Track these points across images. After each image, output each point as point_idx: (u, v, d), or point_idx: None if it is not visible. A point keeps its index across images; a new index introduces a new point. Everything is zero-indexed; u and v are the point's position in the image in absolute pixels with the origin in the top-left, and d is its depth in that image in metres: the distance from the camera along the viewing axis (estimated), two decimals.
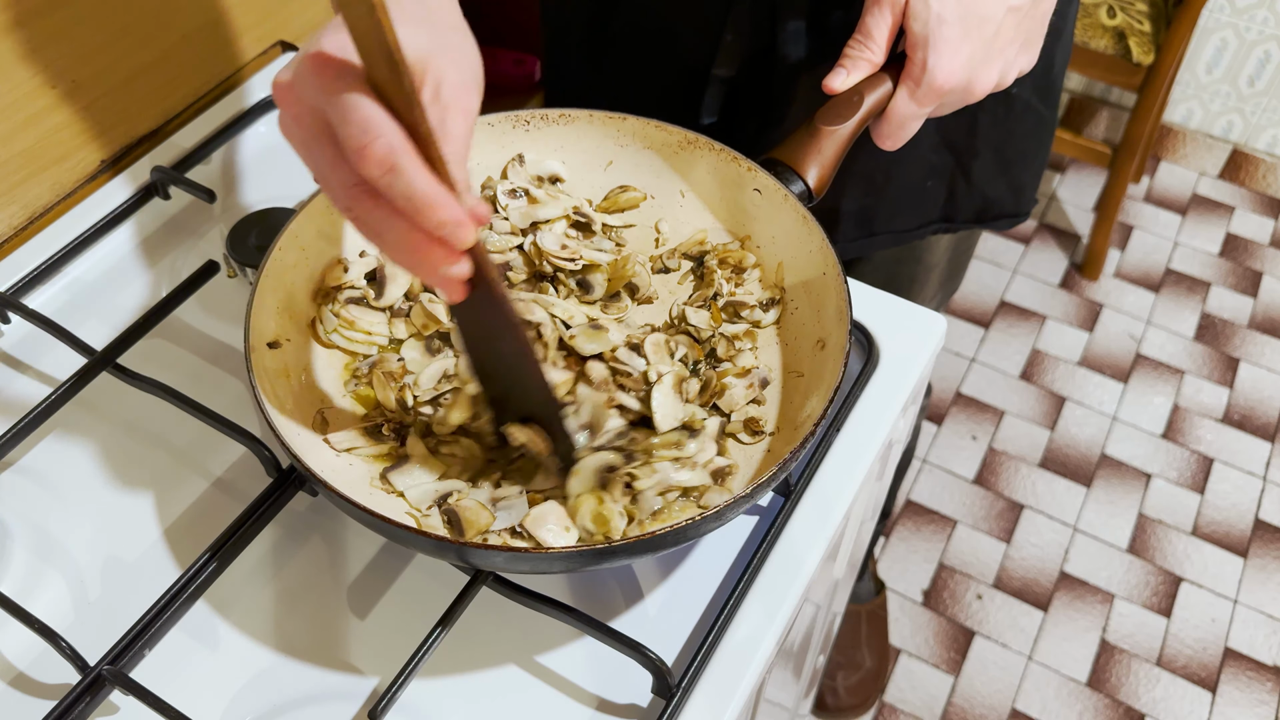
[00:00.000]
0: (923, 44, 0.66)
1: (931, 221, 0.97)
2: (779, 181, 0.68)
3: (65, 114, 0.84)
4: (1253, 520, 1.87)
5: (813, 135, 0.69)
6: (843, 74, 0.69)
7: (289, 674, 0.61)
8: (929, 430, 1.98)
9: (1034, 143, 0.96)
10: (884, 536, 1.83)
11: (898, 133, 0.70)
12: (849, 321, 0.62)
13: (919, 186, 0.94)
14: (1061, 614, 1.75)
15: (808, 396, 0.64)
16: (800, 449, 0.56)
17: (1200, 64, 2.35)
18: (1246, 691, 1.67)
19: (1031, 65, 0.72)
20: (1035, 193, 1.00)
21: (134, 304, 0.79)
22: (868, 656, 1.64)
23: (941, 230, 0.98)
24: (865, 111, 0.69)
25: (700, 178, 0.73)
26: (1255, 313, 2.20)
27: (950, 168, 0.93)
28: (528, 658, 0.62)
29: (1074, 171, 2.48)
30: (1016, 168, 0.96)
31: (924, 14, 0.66)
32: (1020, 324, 2.17)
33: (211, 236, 0.83)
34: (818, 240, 0.66)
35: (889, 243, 0.97)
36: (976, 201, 0.96)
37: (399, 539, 0.56)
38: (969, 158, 0.93)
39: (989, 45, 0.67)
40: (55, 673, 0.60)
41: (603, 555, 0.54)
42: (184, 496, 0.68)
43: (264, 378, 0.60)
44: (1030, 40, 0.70)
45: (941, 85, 0.67)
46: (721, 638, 0.61)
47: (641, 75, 0.92)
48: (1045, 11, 0.70)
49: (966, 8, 0.65)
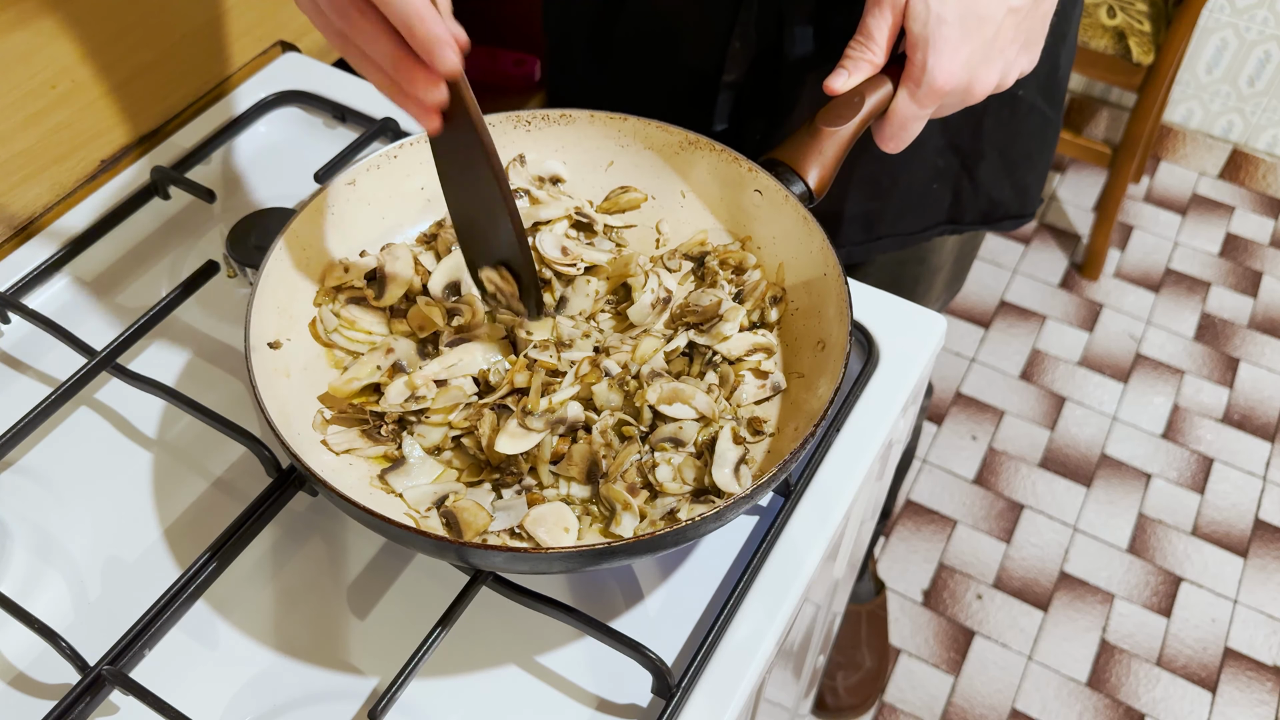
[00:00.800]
0: (922, 45, 0.66)
1: (937, 223, 0.97)
2: (780, 182, 0.68)
3: (65, 114, 0.84)
4: (1253, 520, 1.87)
5: (814, 136, 0.69)
6: (844, 75, 0.69)
7: (289, 674, 0.61)
8: (929, 430, 1.98)
9: (1039, 144, 0.96)
10: (884, 536, 1.83)
11: (900, 134, 0.70)
12: (849, 322, 0.62)
13: (924, 189, 0.94)
14: (1061, 614, 1.75)
15: (808, 397, 0.64)
16: (801, 449, 0.56)
17: (1200, 64, 2.35)
18: (1246, 691, 1.67)
19: (1032, 65, 0.72)
20: (1041, 193, 1.00)
21: (134, 304, 0.79)
22: (868, 656, 1.64)
23: (947, 232, 0.98)
24: (866, 112, 0.69)
25: (701, 178, 0.73)
26: (1255, 313, 2.20)
27: (955, 170, 0.93)
28: (528, 658, 0.62)
29: (1074, 171, 2.48)
30: (1021, 169, 0.96)
31: (924, 15, 0.66)
32: (1020, 324, 2.17)
33: (211, 236, 0.83)
34: (818, 241, 0.66)
35: (893, 245, 0.97)
36: (982, 203, 0.96)
37: (398, 539, 0.56)
38: (974, 160, 0.93)
39: (989, 46, 0.67)
40: (55, 673, 0.60)
41: (602, 555, 0.54)
42: (184, 496, 0.68)
43: (264, 377, 0.60)
44: (1031, 41, 0.70)
45: (942, 86, 0.67)
46: (721, 638, 0.61)
47: (647, 81, 0.92)
48: (1046, 12, 0.70)
49: (966, 8, 0.65)
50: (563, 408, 0.62)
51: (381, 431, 0.63)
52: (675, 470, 0.62)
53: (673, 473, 0.62)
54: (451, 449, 0.64)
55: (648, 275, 0.69)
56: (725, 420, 0.63)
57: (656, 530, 0.55)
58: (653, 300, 0.68)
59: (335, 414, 0.64)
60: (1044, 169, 0.99)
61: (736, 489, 0.60)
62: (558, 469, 0.62)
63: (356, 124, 0.90)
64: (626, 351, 0.66)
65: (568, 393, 0.63)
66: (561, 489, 0.62)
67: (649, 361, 0.65)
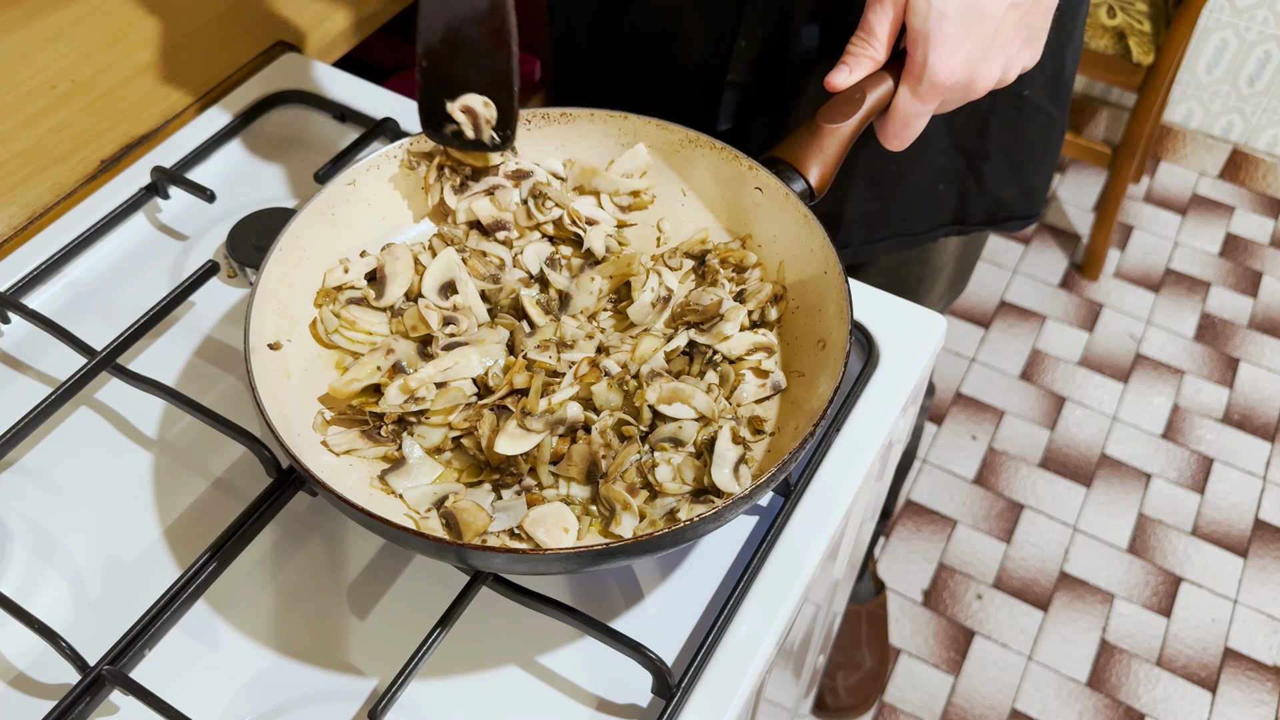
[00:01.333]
0: (923, 40, 0.66)
1: (943, 224, 0.96)
2: (780, 180, 0.68)
3: (65, 114, 0.84)
4: (1253, 520, 1.87)
5: (814, 133, 0.68)
6: (845, 71, 0.69)
7: (289, 674, 0.61)
8: (929, 430, 1.98)
9: (1045, 144, 0.96)
10: (884, 536, 1.83)
11: (903, 131, 0.70)
12: (849, 321, 0.62)
13: (929, 189, 0.94)
14: (1061, 614, 1.75)
15: (809, 395, 0.64)
16: (800, 449, 0.56)
17: (1200, 64, 2.35)
18: (1246, 691, 1.67)
19: (1035, 60, 0.71)
20: (1046, 194, 1.00)
21: (134, 304, 0.79)
22: (868, 656, 1.64)
23: (953, 232, 0.97)
24: (867, 109, 0.68)
25: (701, 176, 0.73)
26: (1255, 313, 2.20)
27: (961, 170, 0.93)
28: (528, 658, 0.62)
29: (1074, 171, 2.48)
30: (1027, 170, 0.96)
31: (924, 10, 0.66)
32: (1020, 324, 2.17)
33: (211, 236, 0.83)
34: (819, 239, 0.66)
35: (898, 245, 0.96)
36: (988, 204, 0.96)
37: (398, 540, 0.56)
38: (980, 160, 0.93)
39: (990, 42, 0.67)
40: (55, 673, 0.60)
41: (602, 556, 0.54)
42: (184, 496, 0.68)
43: (264, 378, 0.60)
44: (1033, 36, 0.70)
45: (942, 82, 0.67)
46: (721, 638, 0.61)
47: (651, 80, 0.92)
48: (1048, 7, 0.69)
49: (968, 4, 0.65)
50: (562, 408, 0.62)
51: (381, 432, 0.63)
52: (675, 470, 0.62)
53: (672, 473, 0.62)
54: (451, 449, 0.64)
55: (649, 273, 0.69)
56: (725, 420, 0.63)
57: (656, 530, 0.55)
58: (653, 299, 0.68)
59: (335, 415, 0.64)
60: (1050, 169, 0.99)
61: (736, 489, 0.60)
62: (557, 469, 0.62)
63: (356, 124, 0.90)
64: (626, 351, 0.66)
65: (567, 393, 0.63)
66: (561, 489, 0.62)
67: (649, 361, 0.65)
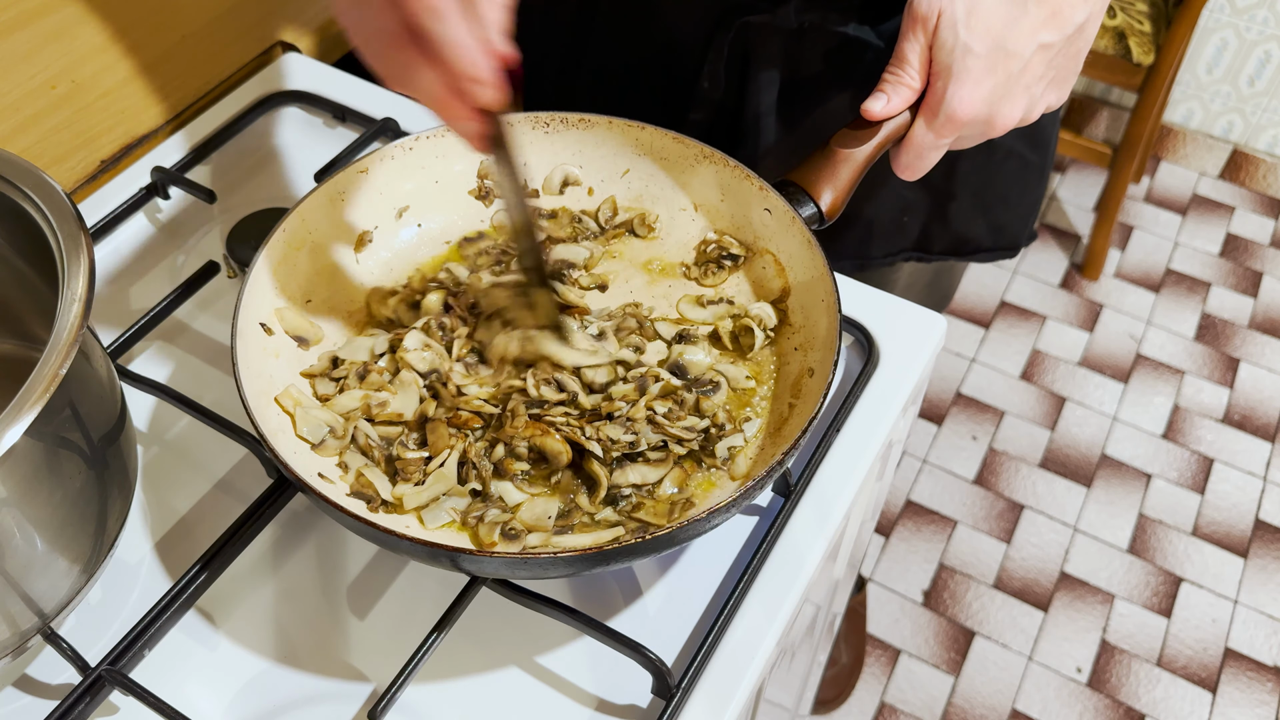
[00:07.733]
0: (945, 73, 0.65)
1: (903, 250, 0.95)
2: (789, 203, 0.68)
3: (65, 114, 0.84)
4: (1253, 520, 1.87)
5: (828, 158, 0.68)
6: (882, 99, 0.68)
7: (288, 675, 0.61)
8: (929, 430, 1.98)
9: (1018, 187, 0.94)
10: (884, 536, 1.83)
11: (916, 163, 0.70)
12: (836, 352, 0.62)
13: (894, 220, 0.92)
14: (1061, 614, 1.75)
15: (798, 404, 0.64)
16: (794, 447, 0.56)
17: (1200, 64, 2.35)
18: (1247, 692, 1.67)
19: (1061, 102, 0.70)
20: (1029, 228, 0.97)
21: (134, 304, 0.79)
22: (844, 652, 1.64)
23: (913, 258, 0.96)
24: (883, 137, 0.68)
25: (711, 193, 0.73)
26: (1255, 313, 2.20)
27: (926, 206, 0.91)
28: (528, 658, 0.62)
29: (1074, 171, 2.48)
30: (996, 210, 0.94)
31: (950, 43, 0.65)
32: (1020, 324, 2.17)
33: (211, 236, 0.83)
34: (820, 266, 0.66)
35: (852, 269, 0.94)
36: (950, 238, 0.94)
37: (392, 546, 0.56)
38: (945, 199, 0.91)
39: (1014, 80, 0.66)
40: (55, 673, 0.60)
41: (601, 559, 0.54)
42: (184, 497, 0.68)
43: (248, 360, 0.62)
44: (1061, 77, 0.69)
45: (960, 117, 0.66)
46: (721, 638, 0.61)
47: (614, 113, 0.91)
48: (1080, 49, 0.68)
49: (996, 41, 0.64)
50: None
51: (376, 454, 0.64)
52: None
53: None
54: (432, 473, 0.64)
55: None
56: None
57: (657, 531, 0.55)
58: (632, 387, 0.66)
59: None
60: (1027, 209, 0.96)
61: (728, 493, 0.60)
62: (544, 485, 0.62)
63: (356, 124, 0.90)
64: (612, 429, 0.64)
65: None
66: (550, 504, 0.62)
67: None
